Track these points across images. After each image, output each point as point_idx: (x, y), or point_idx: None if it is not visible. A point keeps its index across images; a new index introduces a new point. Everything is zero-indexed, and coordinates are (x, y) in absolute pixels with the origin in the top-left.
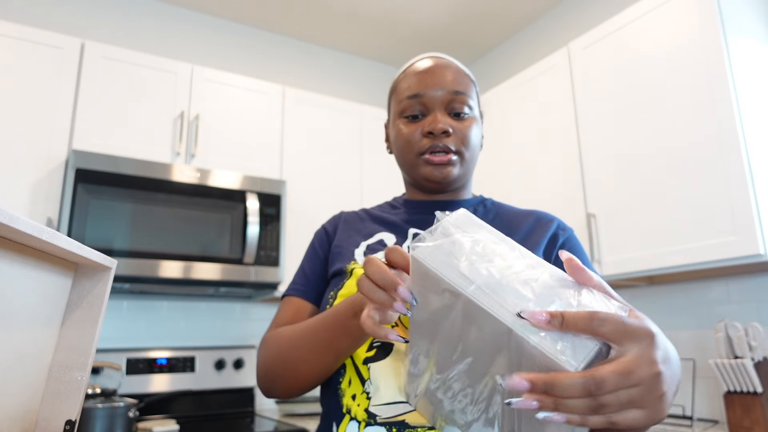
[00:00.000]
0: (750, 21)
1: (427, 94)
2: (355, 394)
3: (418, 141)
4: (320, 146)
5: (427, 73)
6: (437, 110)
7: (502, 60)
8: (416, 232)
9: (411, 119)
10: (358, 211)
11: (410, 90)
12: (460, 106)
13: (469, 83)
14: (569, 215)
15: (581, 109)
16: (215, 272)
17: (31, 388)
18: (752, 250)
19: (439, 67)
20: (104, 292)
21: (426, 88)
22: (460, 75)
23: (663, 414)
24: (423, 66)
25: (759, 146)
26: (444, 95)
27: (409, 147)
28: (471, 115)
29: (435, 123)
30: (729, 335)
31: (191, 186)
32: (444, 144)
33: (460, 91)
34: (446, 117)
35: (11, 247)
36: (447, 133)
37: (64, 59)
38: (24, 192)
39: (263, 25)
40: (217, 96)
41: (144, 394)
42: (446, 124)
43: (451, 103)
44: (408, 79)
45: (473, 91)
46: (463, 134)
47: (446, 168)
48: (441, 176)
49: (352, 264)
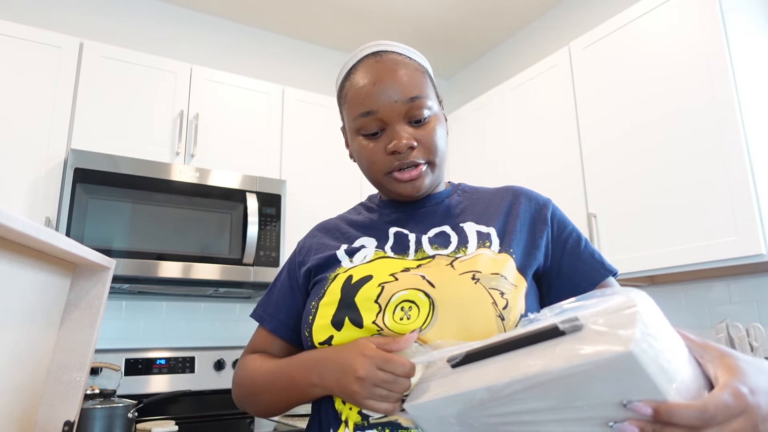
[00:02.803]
0: (752, 20)
1: (381, 109)
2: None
3: (383, 160)
4: (320, 146)
5: (376, 85)
6: (396, 124)
7: (502, 59)
8: (397, 231)
9: (371, 137)
10: (333, 219)
11: (363, 107)
12: (419, 111)
13: (422, 78)
14: (569, 215)
15: (582, 109)
16: (215, 272)
17: (29, 388)
18: (754, 250)
19: (388, 72)
20: (103, 292)
21: (378, 104)
22: (411, 74)
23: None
24: (370, 76)
25: (760, 145)
26: (401, 106)
27: (375, 167)
28: (432, 114)
29: (398, 141)
30: (730, 335)
31: (191, 186)
32: (411, 160)
33: (416, 96)
34: (407, 128)
35: (9, 247)
36: (412, 148)
37: (63, 59)
38: (22, 192)
39: (263, 25)
40: (217, 96)
41: (143, 394)
42: (409, 139)
43: (409, 111)
44: (357, 93)
45: (428, 84)
46: (428, 142)
47: (418, 181)
48: (413, 190)
49: (339, 269)
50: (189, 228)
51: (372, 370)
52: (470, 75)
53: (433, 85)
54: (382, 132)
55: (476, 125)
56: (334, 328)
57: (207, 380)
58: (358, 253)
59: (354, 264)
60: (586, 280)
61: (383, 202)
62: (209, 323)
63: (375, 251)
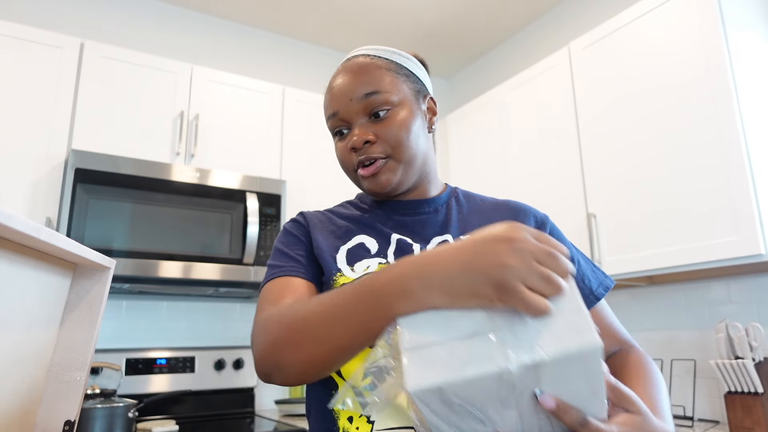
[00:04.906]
0: (751, 21)
1: (341, 109)
2: (351, 416)
3: (348, 158)
4: (320, 146)
5: (335, 88)
6: (355, 122)
7: (502, 60)
8: (400, 239)
9: (340, 136)
10: (321, 212)
11: (328, 109)
12: (377, 107)
13: (382, 74)
14: (569, 215)
15: (582, 109)
16: (215, 272)
17: (30, 388)
18: (753, 250)
19: (346, 73)
20: (103, 292)
21: (338, 104)
22: (370, 72)
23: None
24: (333, 80)
25: (760, 145)
26: (356, 104)
27: (344, 165)
28: (393, 110)
29: (352, 138)
30: (730, 335)
31: (191, 186)
32: (367, 155)
33: (369, 92)
34: (367, 125)
35: (10, 247)
36: (369, 142)
37: (63, 59)
38: (23, 192)
39: (263, 25)
40: (217, 96)
41: (143, 394)
42: (364, 135)
43: (367, 107)
44: (325, 98)
45: (393, 80)
46: (386, 136)
47: (380, 177)
48: (379, 187)
49: (338, 275)
50: (189, 228)
51: (530, 242)
52: (470, 75)
53: (405, 76)
54: (348, 131)
55: (476, 125)
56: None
57: (207, 380)
58: (359, 263)
59: (356, 273)
60: None
61: (377, 203)
62: (209, 323)
63: (378, 265)
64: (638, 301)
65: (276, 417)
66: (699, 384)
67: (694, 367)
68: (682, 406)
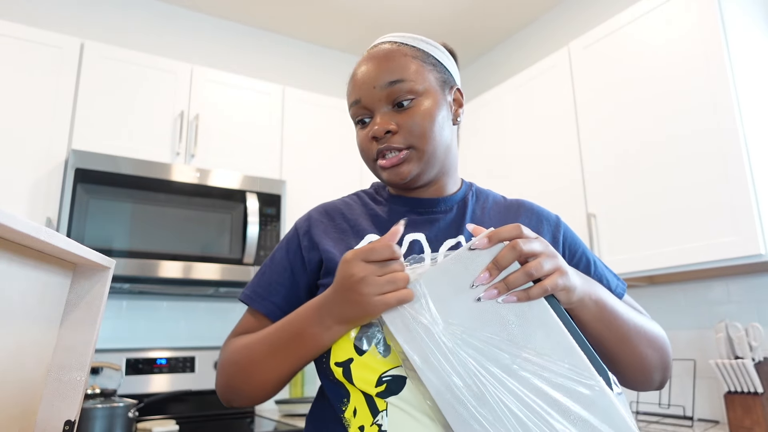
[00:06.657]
0: (751, 20)
1: (364, 97)
2: (363, 425)
3: (369, 147)
4: (320, 146)
5: (358, 74)
6: (378, 110)
7: (502, 60)
8: (414, 240)
9: (362, 125)
10: (331, 207)
11: (351, 96)
12: (400, 95)
13: (408, 62)
14: (569, 215)
15: (581, 109)
16: (215, 272)
17: (29, 388)
18: (753, 250)
19: (370, 60)
20: (103, 292)
21: (361, 92)
22: (395, 59)
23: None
24: (358, 67)
25: (760, 145)
26: (379, 92)
27: (364, 154)
28: (417, 99)
29: (373, 126)
30: (729, 335)
31: (191, 186)
32: (389, 144)
33: (393, 80)
34: (390, 114)
35: (9, 247)
36: (391, 132)
37: (63, 59)
38: (23, 192)
39: (263, 25)
40: (217, 96)
41: (144, 394)
42: (386, 124)
43: (390, 96)
44: (348, 85)
45: (416, 68)
46: (410, 127)
47: (400, 168)
48: (398, 178)
49: None
50: (189, 228)
51: (363, 266)
52: (470, 75)
53: (435, 69)
54: (370, 120)
55: (476, 125)
56: (356, 352)
57: (207, 380)
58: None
59: None
60: None
61: (393, 198)
62: (209, 323)
63: None
64: (638, 301)
65: (276, 417)
66: (699, 384)
67: (694, 367)
68: (682, 406)
